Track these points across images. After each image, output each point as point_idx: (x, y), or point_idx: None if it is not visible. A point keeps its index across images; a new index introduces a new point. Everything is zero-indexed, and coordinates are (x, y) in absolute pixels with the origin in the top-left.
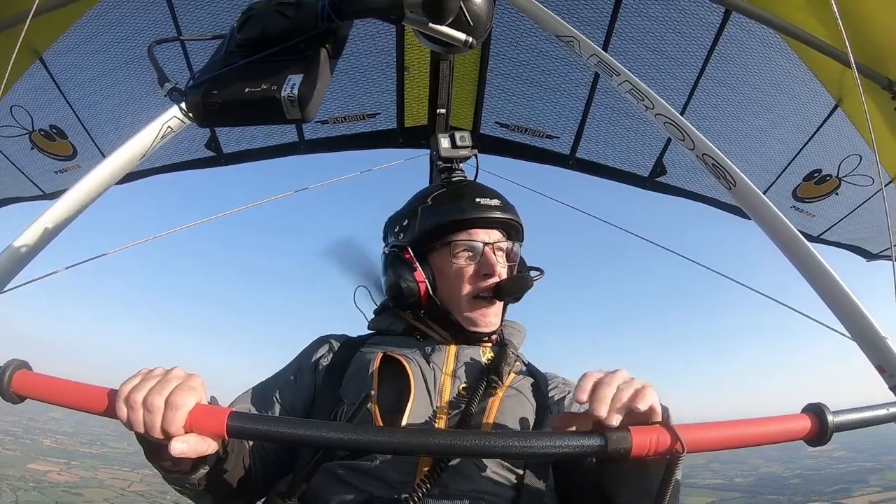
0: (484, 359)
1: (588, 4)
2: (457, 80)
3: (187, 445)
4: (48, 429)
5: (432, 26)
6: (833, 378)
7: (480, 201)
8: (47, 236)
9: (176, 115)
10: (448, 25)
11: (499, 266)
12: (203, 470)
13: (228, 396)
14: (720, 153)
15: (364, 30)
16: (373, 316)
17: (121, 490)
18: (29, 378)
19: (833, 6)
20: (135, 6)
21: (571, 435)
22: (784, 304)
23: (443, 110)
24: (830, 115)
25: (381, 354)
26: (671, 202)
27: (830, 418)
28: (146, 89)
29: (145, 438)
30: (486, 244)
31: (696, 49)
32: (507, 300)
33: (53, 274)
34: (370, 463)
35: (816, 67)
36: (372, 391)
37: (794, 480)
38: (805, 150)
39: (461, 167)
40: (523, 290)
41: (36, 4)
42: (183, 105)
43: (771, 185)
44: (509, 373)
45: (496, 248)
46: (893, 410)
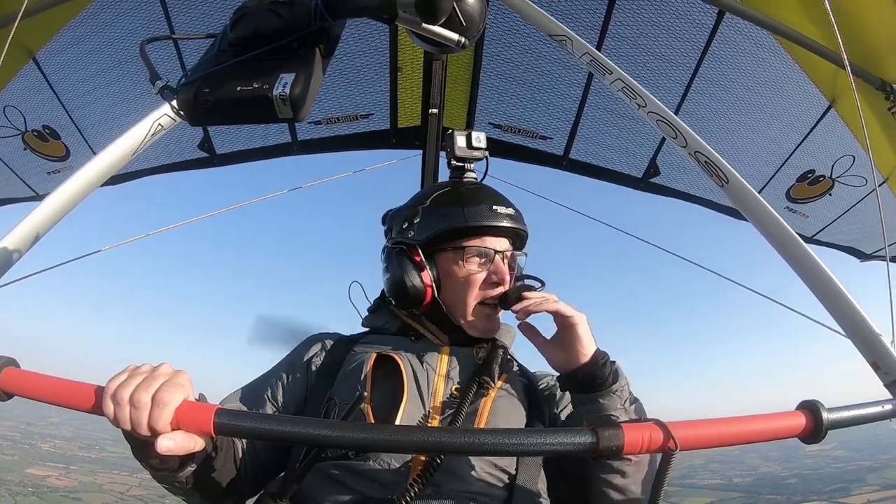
0: (476, 360)
1: (581, 6)
2: (450, 81)
3: (174, 443)
4: (46, 433)
5: (425, 26)
6: (833, 377)
7: (498, 209)
8: (37, 234)
9: (167, 113)
10: (441, 25)
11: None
12: (190, 468)
13: (221, 397)
14: (712, 150)
15: (358, 30)
16: (366, 313)
17: (120, 494)
18: (16, 375)
19: (826, 7)
20: (128, 6)
21: (562, 432)
22: (778, 303)
23: (435, 110)
24: (824, 116)
25: (375, 355)
26: (667, 204)
27: (825, 415)
28: (140, 90)
29: (132, 436)
30: (497, 252)
31: (690, 50)
32: (511, 309)
33: (48, 270)
34: (363, 463)
35: (810, 68)
36: (365, 392)
37: (793, 480)
38: (798, 151)
39: (472, 168)
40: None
41: (25, 4)
42: (174, 103)
43: (764, 186)
44: (501, 374)
45: (504, 257)
46: (888, 407)
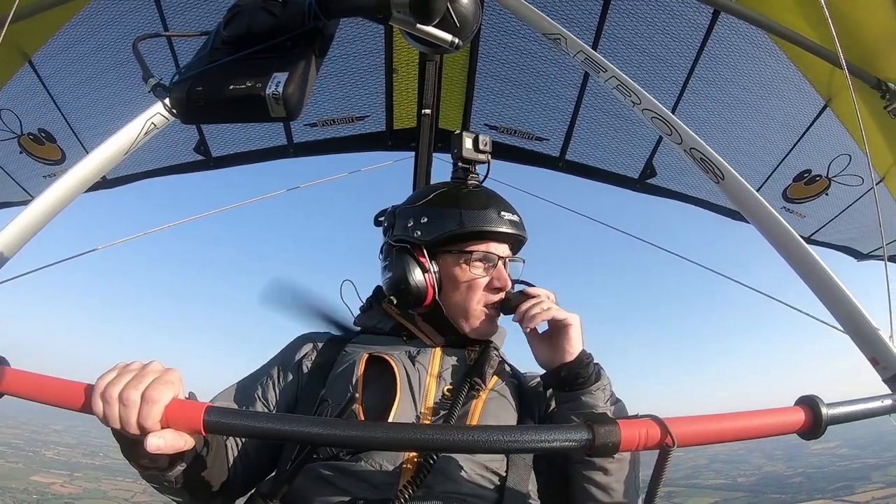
0: (468, 361)
1: (577, 6)
2: (446, 82)
3: (163, 441)
4: (50, 441)
5: (419, 27)
6: (832, 374)
7: (505, 216)
8: (26, 235)
9: (160, 112)
10: (435, 26)
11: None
12: (180, 467)
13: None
14: (707, 147)
15: (353, 32)
16: (358, 312)
17: (124, 501)
18: (6, 374)
19: (822, 5)
20: (124, 8)
21: (557, 429)
22: (777, 300)
23: (428, 111)
24: (820, 115)
25: (367, 355)
26: (663, 203)
27: (824, 411)
28: (136, 93)
29: (122, 434)
30: (501, 258)
31: (686, 50)
32: (516, 321)
33: (45, 268)
34: (354, 464)
35: (805, 67)
36: (357, 394)
37: (797, 479)
38: (795, 151)
39: (476, 171)
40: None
41: (15, 6)
42: (167, 101)
43: (761, 186)
44: (492, 375)
45: (506, 263)
46: (887, 402)
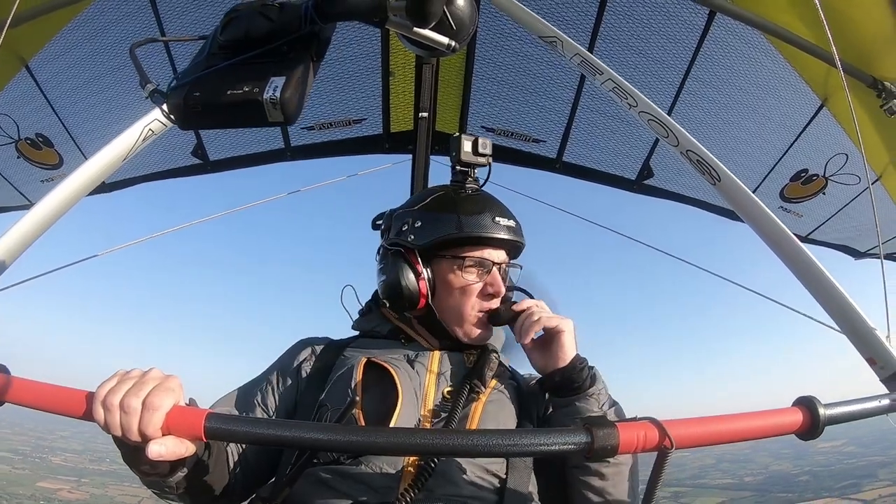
0: (467, 363)
1: (572, 8)
2: (443, 85)
3: (165, 448)
4: (57, 447)
5: (416, 30)
6: (830, 375)
7: (501, 221)
8: (26, 241)
9: (157, 118)
10: (431, 29)
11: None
12: (181, 473)
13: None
14: (704, 149)
15: (349, 35)
16: (357, 316)
17: None
18: (7, 382)
19: (817, 5)
20: (121, 13)
21: (556, 432)
22: (774, 301)
23: (425, 114)
24: (816, 115)
25: (365, 360)
26: (660, 204)
27: (822, 411)
28: (133, 97)
29: (123, 441)
30: (495, 264)
31: (682, 51)
32: (505, 324)
33: (46, 274)
34: (354, 467)
35: (801, 67)
36: (356, 398)
37: (804, 477)
38: (791, 151)
39: (476, 174)
40: (514, 320)
41: (13, 12)
42: (164, 107)
43: (758, 186)
44: (491, 378)
45: (501, 269)
46: (885, 402)
